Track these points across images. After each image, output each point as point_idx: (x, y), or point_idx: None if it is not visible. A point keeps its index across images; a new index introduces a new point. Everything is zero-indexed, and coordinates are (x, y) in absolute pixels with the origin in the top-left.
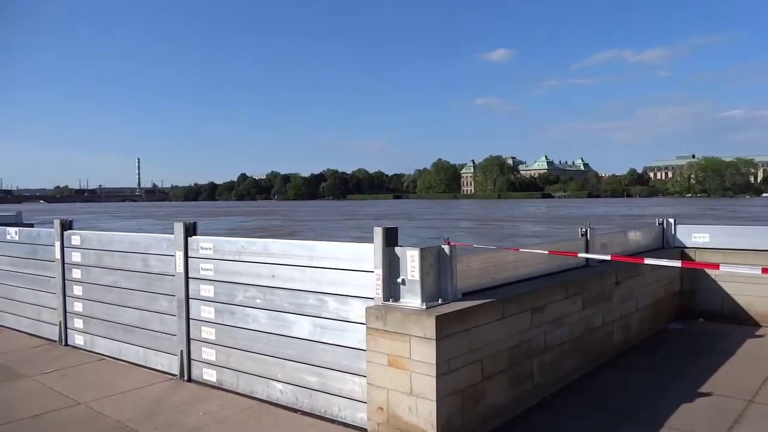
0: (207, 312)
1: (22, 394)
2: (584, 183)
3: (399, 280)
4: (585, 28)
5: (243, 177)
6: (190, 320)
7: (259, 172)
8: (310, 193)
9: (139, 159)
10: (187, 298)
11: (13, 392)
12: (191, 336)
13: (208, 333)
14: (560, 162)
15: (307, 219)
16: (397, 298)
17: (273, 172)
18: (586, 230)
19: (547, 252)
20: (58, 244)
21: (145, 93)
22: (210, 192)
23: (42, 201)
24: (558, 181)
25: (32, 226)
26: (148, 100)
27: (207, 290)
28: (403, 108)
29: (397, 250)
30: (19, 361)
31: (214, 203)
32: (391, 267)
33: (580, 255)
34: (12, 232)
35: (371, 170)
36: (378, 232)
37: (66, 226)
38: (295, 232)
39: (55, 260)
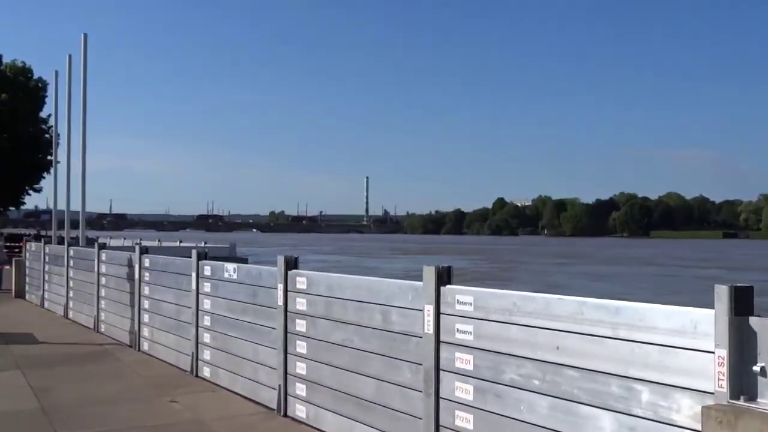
0: (463, 390)
1: None
2: None
3: (757, 368)
4: None
5: (500, 203)
6: (440, 399)
7: (522, 196)
8: (594, 226)
9: (367, 178)
10: (437, 368)
11: None
12: (441, 422)
13: (464, 420)
14: None
15: (586, 262)
16: (753, 396)
17: (541, 196)
18: None
19: None
20: (281, 287)
21: (373, 105)
22: (456, 222)
23: (255, 230)
24: None
25: (246, 261)
26: (375, 111)
27: (464, 360)
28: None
29: (754, 321)
30: None
31: (458, 238)
32: (743, 347)
33: None
34: (230, 270)
35: (689, 195)
36: (722, 293)
37: (291, 264)
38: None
39: (277, 307)
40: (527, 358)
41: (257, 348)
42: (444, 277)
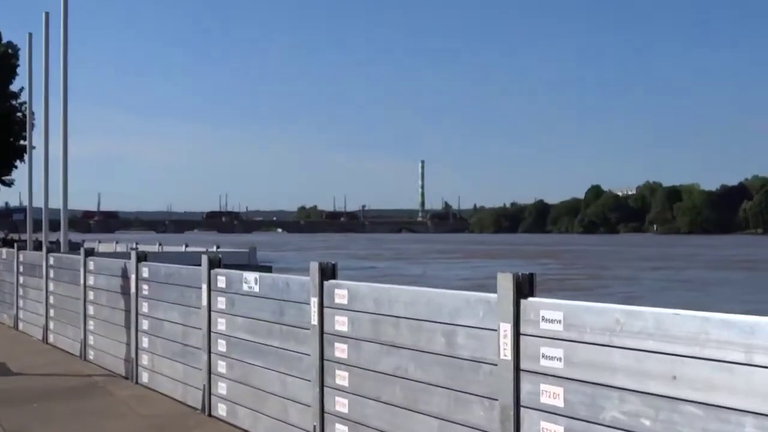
0: None
1: None
2: None
3: None
4: None
5: (595, 192)
6: None
7: (624, 183)
8: (718, 220)
9: (423, 163)
10: (517, 404)
11: None
12: None
13: None
14: None
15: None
16: None
17: (649, 183)
18: None
19: None
20: (315, 302)
21: (427, 75)
22: (537, 217)
23: (280, 230)
24: None
25: (270, 270)
26: (430, 82)
27: (552, 394)
28: None
29: None
30: None
31: (539, 237)
32: None
33: None
34: (251, 281)
35: None
36: None
37: (327, 273)
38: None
39: (310, 327)
40: (634, 390)
41: (286, 379)
42: (525, 287)
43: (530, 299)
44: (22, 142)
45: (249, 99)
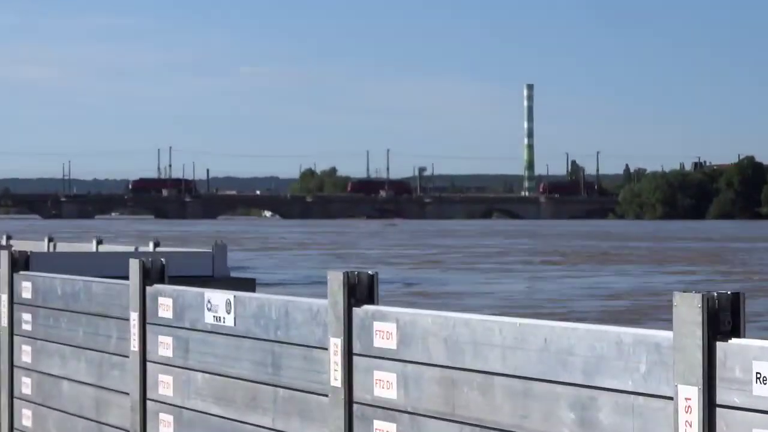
0: None
1: None
2: None
3: None
4: None
5: None
6: None
7: None
8: None
9: (529, 91)
10: None
11: None
12: None
13: None
14: None
15: None
16: None
17: None
18: None
19: None
20: (337, 345)
21: None
22: (747, 185)
23: (268, 212)
24: None
25: (253, 287)
26: None
27: None
28: None
29: None
30: None
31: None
32: None
33: None
34: (220, 306)
35: None
36: None
37: (358, 291)
38: None
39: (330, 392)
40: None
41: None
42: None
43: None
44: None
45: None
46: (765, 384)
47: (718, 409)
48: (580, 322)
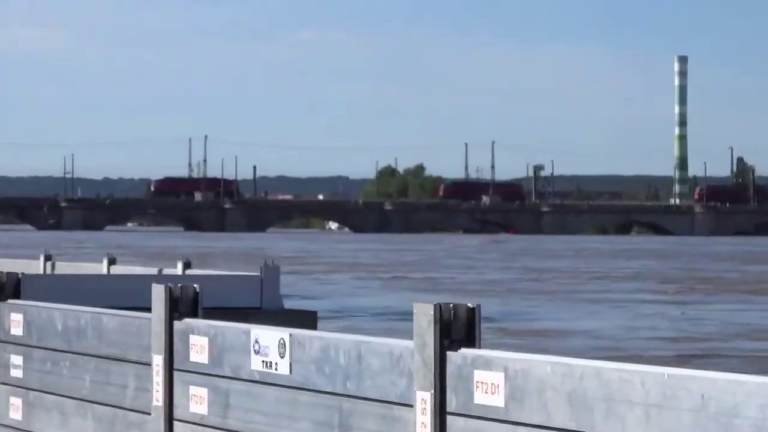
0: None
1: None
2: None
3: None
4: None
5: None
6: None
7: None
8: None
9: (682, 63)
10: None
11: None
12: None
13: None
14: None
15: None
16: None
17: None
18: None
19: None
20: (425, 403)
21: None
22: None
23: (334, 224)
24: None
25: (314, 321)
26: None
27: None
28: None
29: None
30: None
31: None
32: None
33: None
34: (271, 348)
35: None
36: None
37: (453, 330)
38: None
39: None
40: None
41: None
42: None
43: None
44: None
45: None
46: None
47: None
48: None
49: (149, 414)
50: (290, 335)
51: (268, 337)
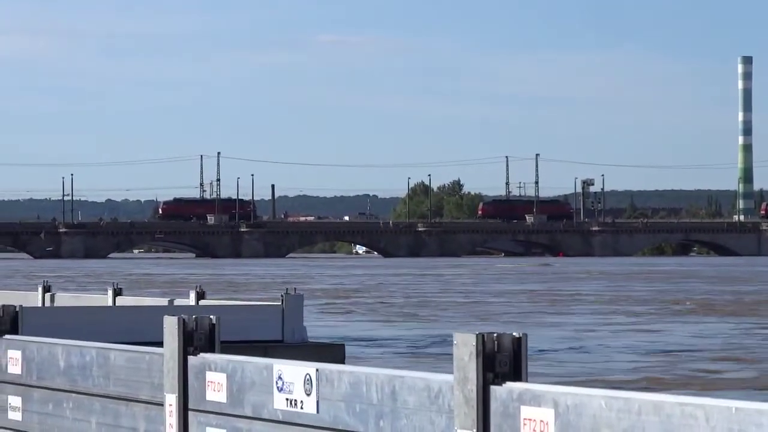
0: None
1: None
2: None
3: None
4: None
5: None
6: None
7: None
8: None
9: (747, 64)
10: None
11: None
12: None
13: None
14: None
15: None
16: None
17: None
18: None
19: None
20: None
21: None
22: None
23: (362, 248)
24: None
25: (342, 355)
26: None
27: None
28: None
29: None
30: None
31: None
32: None
33: None
34: (296, 385)
35: None
36: None
37: (500, 367)
38: None
39: None
40: None
41: None
42: None
43: None
44: None
45: None
46: None
47: None
48: None
49: None
50: (317, 370)
51: (292, 372)
